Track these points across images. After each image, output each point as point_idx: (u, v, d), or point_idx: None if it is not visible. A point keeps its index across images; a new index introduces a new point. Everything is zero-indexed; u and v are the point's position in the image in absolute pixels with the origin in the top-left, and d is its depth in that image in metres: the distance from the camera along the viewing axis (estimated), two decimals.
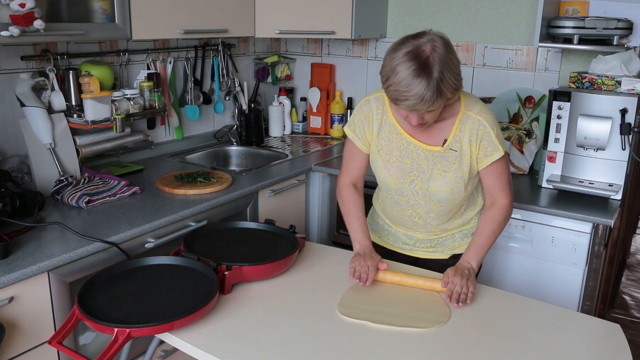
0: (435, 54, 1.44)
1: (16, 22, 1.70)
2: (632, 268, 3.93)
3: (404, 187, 1.73)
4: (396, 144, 1.70)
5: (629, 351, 1.34)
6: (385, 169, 1.73)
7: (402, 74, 1.44)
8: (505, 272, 2.30)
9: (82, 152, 2.24)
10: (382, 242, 1.91)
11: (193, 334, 1.37)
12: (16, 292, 1.54)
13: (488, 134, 1.63)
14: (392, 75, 1.46)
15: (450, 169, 1.67)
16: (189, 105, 2.81)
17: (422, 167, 1.69)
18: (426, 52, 1.44)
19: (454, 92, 1.50)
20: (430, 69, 1.43)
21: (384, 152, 1.72)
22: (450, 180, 1.67)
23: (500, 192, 1.71)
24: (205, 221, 2.08)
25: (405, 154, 1.70)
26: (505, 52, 2.77)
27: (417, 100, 1.44)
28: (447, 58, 1.46)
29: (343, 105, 3.23)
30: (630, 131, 2.14)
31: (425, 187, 1.70)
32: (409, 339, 1.38)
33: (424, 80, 1.43)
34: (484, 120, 1.63)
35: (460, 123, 1.64)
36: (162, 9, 2.23)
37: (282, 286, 1.61)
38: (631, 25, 2.34)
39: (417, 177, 1.70)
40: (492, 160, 1.65)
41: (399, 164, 1.71)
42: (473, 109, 1.65)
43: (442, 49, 1.46)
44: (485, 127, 1.63)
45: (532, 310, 1.55)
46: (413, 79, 1.43)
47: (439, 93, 1.45)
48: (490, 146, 1.64)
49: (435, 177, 1.68)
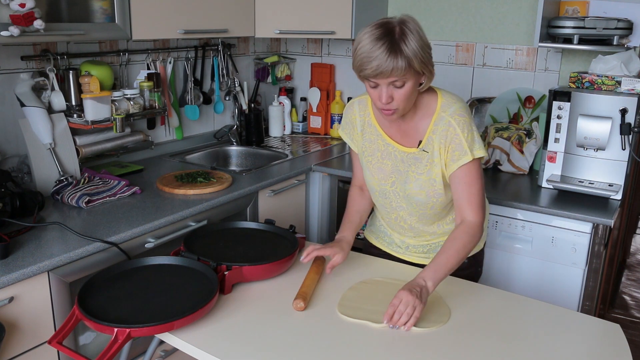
0: (404, 25, 1.44)
1: (16, 22, 1.70)
2: (632, 268, 3.93)
3: (386, 189, 1.72)
4: (377, 145, 1.70)
5: (629, 351, 1.34)
6: (368, 170, 1.74)
7: (366, 40, 1.45)
8: (505, 272, 2.30)
9: (82, 152, 2.24)
10: (379, 244, 1.91)
11: (193, 334, 1.37)
12: (16, 292, 1.54)
13: (457, 136, 1.56)
14: (357, 45, 1.47)
15: (423, 171, 1.63)
16: (189, 105, 2.81)
17: (399, 169, 1.68)
18: (393, 23, 1.45)
19: (421, 65, 1.46)
20: (394, 33, 1.43)
21: (367, 154, 1.73)
22: (423, 183, 1.64)
23: (467, 206, 1.58)
24: (205, 221, 2.08)
25: (385, 155, 1.69)
26: (505, 52, 2.77)
27: (380, 62, 1.42)
28: (415, 31, 1.45)
29: (343, 105, 3.23)
30: (630, 131, 2.14)
31: (403, 189, 1.69)
32: (409, 339, 1.38)
33: (387, 43, 1.42)
34: (455, 122, 1.56)
35: (434, 124, 1.60)
36: (162, 9, 2.23)
37: (282, 286, 1.61)
38: (631, 25, 2.34)
39: (397, 179, 1.69)
40: (459, 165, 1.57)
41: (380, 165, 1.70)
42: (448, 109, 1.59)
43: (412, 25, 1.45)
44: (454, 129, 1.56)
45: (532, 310, 1.55)
46: (376, 42, 1.43)
47: (404, 58, 1.42)
48: (457, 150, 1.56)
49: (411, 179, 1.66)
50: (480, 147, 1.59)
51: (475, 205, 1.58)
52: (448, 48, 2.91)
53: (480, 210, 1.59)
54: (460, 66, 2.90)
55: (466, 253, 1.55)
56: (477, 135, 1.60)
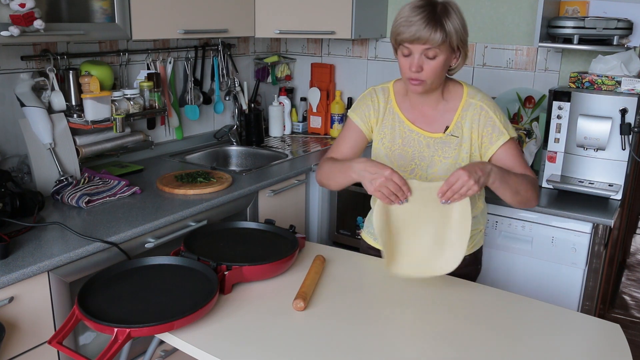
0: (447, 4, 1.52)
1: (16, 22, 1.70)
2: (632, 268, 3.93)
3: (405, 176, 1.72)
4: (399, 132, 1.72)
5: (629, 351, 1.34)
6: (387, 157, 1.74)
7: (407, 7, 1.52)
8: (506, 272, 2.30)
9: (82, 152, 2.24)
10: (378, 245, 1.90)
11: (193, 334, 1.37)
12: (16, 292, 1.54)
13: (491, 119, 1.64)
14: (398, 14, 1.53)
15: (450, 155, 1.68)
16: (189, 105, 2.81)
17: (423, 154, 1.70)
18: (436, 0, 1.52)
19: (459, 41, 1.52)
20: (437, 8, 1.50)
21: (387, 140, 1.74)
22: (449, 167, 1.67)
23: (524, 170, 1.65)
24: (205, 221, 2.08)
25: (407, 142, 1.71)
26: (505, 52, 2.77)
27: (420, 27, 1.48)
28: (457, 11, 1.52)
29: (343, 105, 3.23)
30: (630, 131, 2.14)
31: (424, 175, 1.71)
32: (410, 338, 1.38)
33: (428, 12, 1.48)
34: (486, 107, 1.65)
35: (462, 110, 1.66)
36: (162, 9, 2.23)
37: (282, 286, 1.60)
38: (631, 25, 2.34)
39: (418, 166, 1.71)
40: (500, 145, 1.64)
41: (401, 151, 1.72)
42: (475, 96, 1.66)
43: (454, 5, 1.53)
44: (487, 112, 1.64)
45: (532, 310, 1.55)
46: (416, 9, 1.50)
47: (441, 29, 1.48)
48: (495, 132, 1.64)
49: (435, 163, 1.69)
50: (512, 128, 1.68)
51: (529, 170, 1.66)
52: None
53: (532, 173, 1.67)
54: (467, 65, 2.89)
55: (525, 191, 1.59)
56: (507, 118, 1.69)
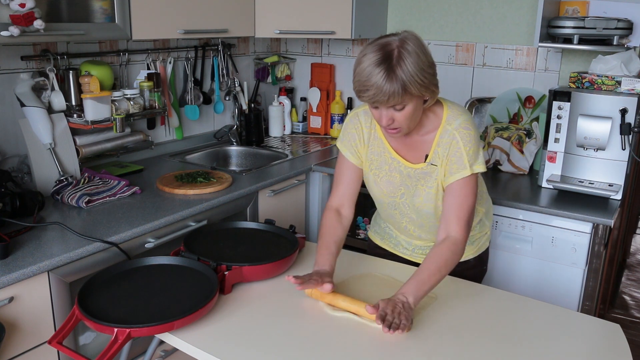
0: (402, 48, 1.40)
1: (16, 22, 1.70)
2: (632, 268, 3.93)
3: (395, 201, 1.70)
4: (384, 159, 1.67)
5: (629, 351, 1.34)
6: (375, 184, 1.70)
7: (365, 64, 1.42)
8: (506, 272, 2.30)
9: (82, 152, 2.24)
10: (384, 245, 1.90)
11: (193, 334, 1.37)
12: (16, 292, 1.54)
13: (458, 150, 1.54)
14: (357, 66, 1.45)
15: (432, 184, 1.61)
16: (189, 105, 2.81)
17: (406, 183, 1.65)
18: (393, 45, 1.41)
19: (420, 88, 1.42)
20: (392, 59, 1.39)
21: (375, 167, 1.69)
22: (432, 197, 1.62)
23: (455, 221, 1.54)
24: (205, 221, 2.08)
25: (393, 168, 1.66)
26: (505, 52, 2.77)
27: (377, 90, 1.40)
28: (415, 53, 1.41)
29: (343, 105, 3.23)
30: (630, 131, 2.14)
31: (412, 202, 1.67)
32: (410, 338, 1.38)
33: (384, 70, 1.39)
34: (459, 136, 1.55)
35: (439, 137, 1.58)
36: (162, 9, 2.23)
37: (282, 286, 1.60)
38: (631, 25, 2.34)
39: (406, 192, 1.67)
40: (456, 179, 1.55)
41: (389, 178, 1.67)
42: (453, 122, 1.57)
43: (412, 46, 1.42)
44: (457, 142, 1.54)
45: (532, 310, 1.55)
46: (374, 68, 1.39)
47: (400, 85, 1.39)
48: (457, 163, 1.55)
49: (420, 193, 1.64)
50: (481, 162, 1.58)
51: (463, 221, 1.55)
52: (448, 48, 2.91)
53: (467, 227, 1.56)
54: (460, 66, 2.90)
55: (447, 271, 1.51)
56: (480, 150, 1.59)
